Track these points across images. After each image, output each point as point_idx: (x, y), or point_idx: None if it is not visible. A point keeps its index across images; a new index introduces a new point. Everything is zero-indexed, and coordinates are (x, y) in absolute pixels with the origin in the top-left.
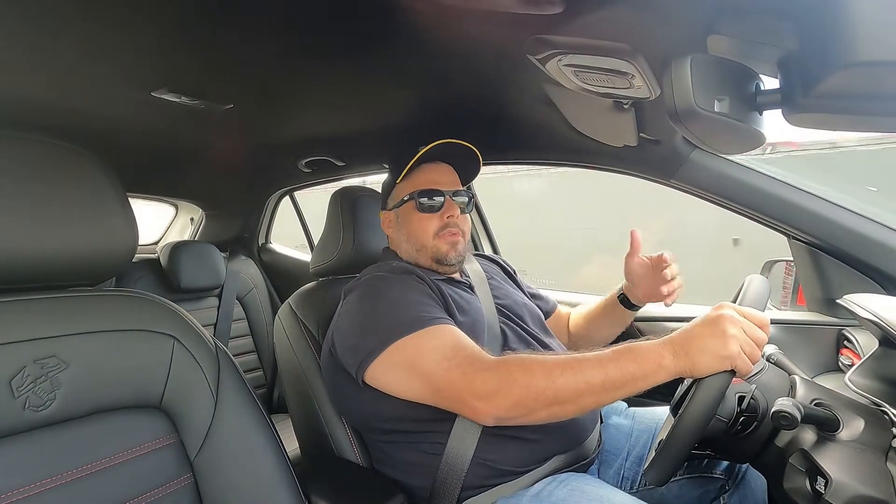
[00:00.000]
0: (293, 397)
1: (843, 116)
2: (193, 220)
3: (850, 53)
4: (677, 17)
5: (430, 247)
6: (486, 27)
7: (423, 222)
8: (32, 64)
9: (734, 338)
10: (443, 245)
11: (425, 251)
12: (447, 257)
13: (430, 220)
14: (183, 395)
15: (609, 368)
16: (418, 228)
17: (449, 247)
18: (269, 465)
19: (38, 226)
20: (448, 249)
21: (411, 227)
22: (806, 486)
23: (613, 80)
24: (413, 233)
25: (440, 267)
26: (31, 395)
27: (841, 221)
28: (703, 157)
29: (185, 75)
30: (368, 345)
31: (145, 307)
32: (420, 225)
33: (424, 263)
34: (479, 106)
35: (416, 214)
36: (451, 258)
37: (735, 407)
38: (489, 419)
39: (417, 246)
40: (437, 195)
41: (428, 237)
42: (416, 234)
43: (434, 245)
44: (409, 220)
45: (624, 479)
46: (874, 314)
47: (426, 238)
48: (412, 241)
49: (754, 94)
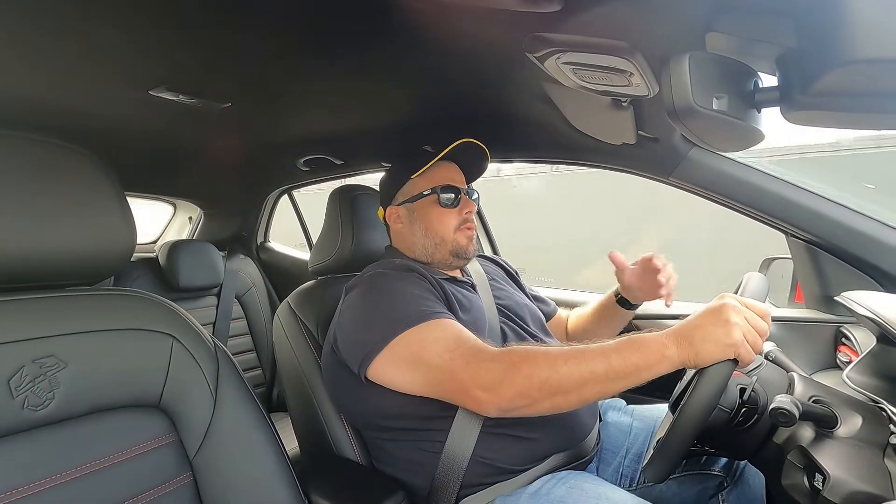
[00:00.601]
0: (292, 396)
1: (841, 114)
2: (192, 219)
3: (848, 51)
4: (676, 15)
5: (451, 240)
6: (485, 25)
7: (444, 217)
8: (30, 63)
9: (737, 325)
10: (462, 239)
11: (445, 245)
12: (466, 251)
13: (451, 215)
14: (182, 395)
15: (612, 358)
16: (438, 223)
17: (468, 240)
18: (269, 463)
19: (37, 225)
20: (467, 243)
21: (431, 221)
22: (804, 482)
23: (612, 78)
24: (432, 227)
25: (457, 261)
26: (29, 395)
27: (839, 219)
28: (701, 154)
29: (184, 74)
30: (372, 340)
31: (144, 306)
32: (441, 220)
33: (441, 258)
34: (477, 104)
35: (437, 209)
36: (470, 252)
37: (737, 397)
38: (492, 410)
39: (437, 240)
40: (456, 191)
41: (449, 231)
42: (436, 228)
43: (454, 239)
44: (429, 215)
45: (623, 476)
46: (872, 311)
47: (447, 232)
48: (431, 234)
49: (753, 91)
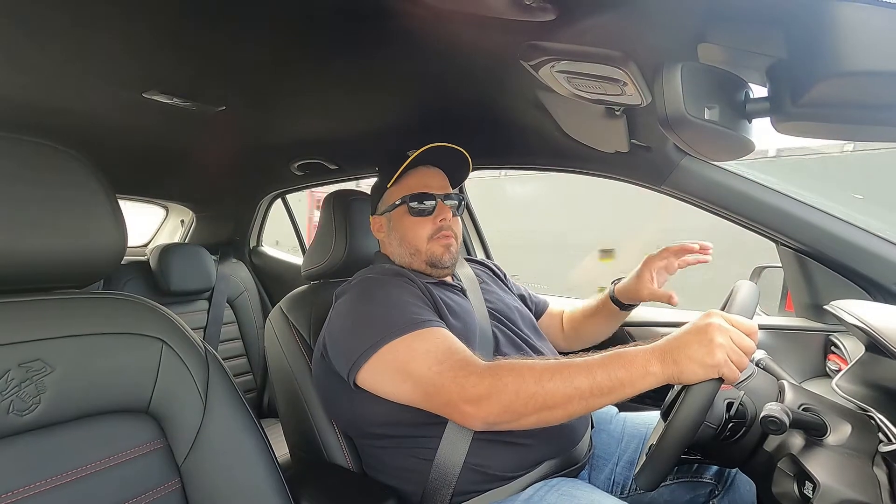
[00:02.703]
0: (283, 402)
1: (831, 125)
2: (184, 223)
3: (838, 63)
4: (668, 26)
5: (425, 251)
6: (480, 32)
7: (415, 227)
8: (24, 65)
9: (721, 347)
10: (437, 248)
11: (419, 255)
12: (441, 260)
13: (423, 224)
14: (171, 400)
15: (597, 374)
16: (411, 233)
17: (443, 250)
18: (259, 470)
19: (26, 227)
20: (442, 252)
21: (404, 232)
22: (794, 490)
23: (605, 87)
24: (406, 237)
25: (434, 270)
26: (15, 399)
27: (829, 228)
28: (693, 163)
29: (178, 76)
30: (360, 346)
31: (134, 310)
32: (413, 229)
33: (418, 267)
34: (471, 110)
35: (408, 219)
36: (446, 261)
37: (724, 413)
38: (478, 424)
39: (412, 250)
40: (429, 199)
41: (422, 241)
42: (409, 238)
43: (428, 249)
44: (402, 225)
45: (615, 483)
46: (861, 320)
47: (420, 242)
48: (405, 245)
49: (744, 102)
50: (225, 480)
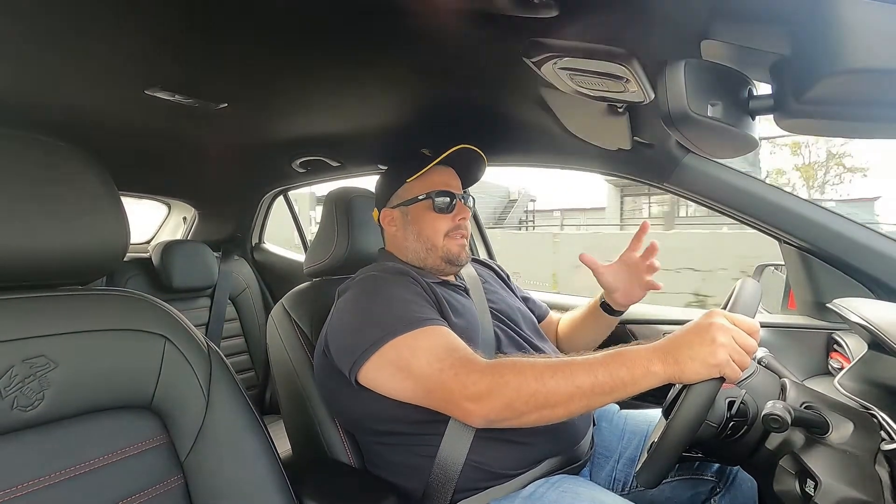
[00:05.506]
0: (285, 398)
1: (835, 122)
2: (186, 220)
3: (842, 60)
4: (671, 22)
5: (441, 247)
6: (482, 29)
7: (436, 222)
8: (26, 62)
9: (723, 346)
10: (453, 246)
11: (435, 251)
12: (458, 258)
13: (443, 221)
14: (174, 396)
15: (599, 373)
16: (430, 228)
17: (459, 248)
18: (261, 466)
19: (28, 223)
20: (459, 250)
21: (423, 226)
22: (796, 488)
23: (608, 84)
24: (424, 232)
25: (448, 267)
26: (18, 395)
27: (831, 226)
28: (696, 160)
29: (180, 74)
30: (363, 344)
31: (136, 307)
32: (433, 224)
33: (433, 263)
34: (474, 108)
35: (430, 214)
36: (462, 259)
37: (725, 412)
38: (479, 421)
39: (428, 245)
40: (452, 196)
41: (439, 237)
42: (427, 233)
43: (444, 245)
44: (422, 219)
45: (616, 480)
46: (863, 318)
47: (437, 238)
48: (422, 240)
49: (747, 99)
50: (227, 476)
